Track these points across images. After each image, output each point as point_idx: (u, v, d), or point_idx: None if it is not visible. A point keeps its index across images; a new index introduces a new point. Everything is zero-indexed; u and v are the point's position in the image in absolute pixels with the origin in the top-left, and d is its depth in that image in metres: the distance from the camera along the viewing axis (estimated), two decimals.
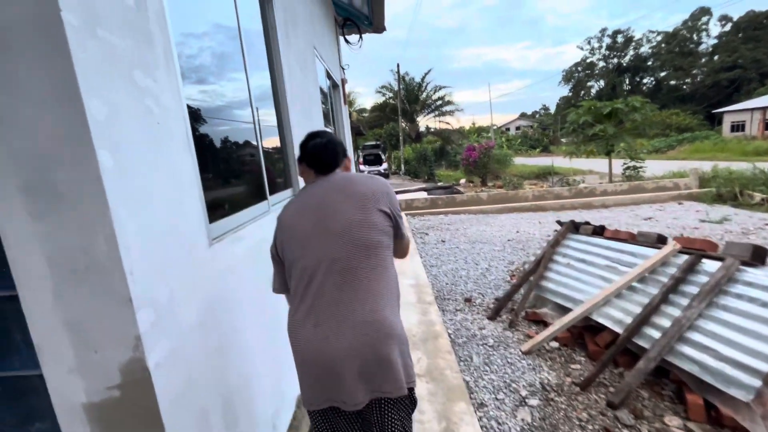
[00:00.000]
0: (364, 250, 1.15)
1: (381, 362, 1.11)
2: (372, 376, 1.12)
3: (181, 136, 1.20)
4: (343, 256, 1.14)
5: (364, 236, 1.15)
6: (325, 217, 1.17)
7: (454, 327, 3.30)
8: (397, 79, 25.57)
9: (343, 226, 1.15)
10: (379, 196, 1.21)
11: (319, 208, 1.19)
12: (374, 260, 1.16)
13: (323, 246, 1.15)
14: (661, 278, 2.58)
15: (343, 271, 1.13)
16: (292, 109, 2.68)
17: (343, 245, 1.14)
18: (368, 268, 1.15)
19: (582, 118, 11.07)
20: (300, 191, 1.32)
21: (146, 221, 0.98)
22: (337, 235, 1.15)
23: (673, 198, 8.77)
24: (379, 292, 1.15)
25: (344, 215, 1.16)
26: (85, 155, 0.83)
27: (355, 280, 1.13)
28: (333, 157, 1.29)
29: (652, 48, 48.68)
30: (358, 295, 1.12)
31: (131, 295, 0.90)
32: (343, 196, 1.19)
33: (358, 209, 1.17)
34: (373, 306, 1.13)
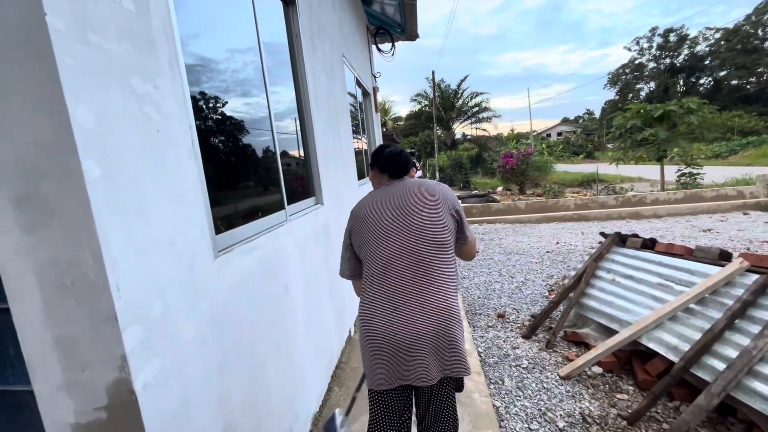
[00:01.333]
0: (437, 246, 1.33)
1: (452, 344, 1.29)
2: (444, 356, 1.29)
3: (186, 144, 1.16)
4: (420, 250, 1.31)
5: (439, 234, 1.33)
6: (405, 216, 1.34)
7: (485, 345, 3.09)
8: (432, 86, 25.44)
9: (421, 224, 1.33)
10: (449, 201, 1.41)
11: (399, 207, 1.36)
12: (444, 255, 1.34)
13: (403, 240, 1.32)
14: (724, 300, 2.26)
15: (420, 263, 1.30)
16: (316, 116, 2.64)
17: (421, 241, 1.32)
18: (440, 261, 1.33)
19: (630, 121, 10.36)
20: (375, 191, 1.48)
21: (139, 235, 0.93)
22: (415, 231, 1.32)
23: (737, 207, 7.93)
24: (448, 283, 1.33)
25: (421, 215, 1.34)
26: (70, 165, 0.79)
27: (431, 272, 1.30)
28: (405, 163, 1.51)
29: (710, 46, 45.15)
30: (433, 285, 1.30)
31: (116, 312, 0.84)
32: (419, 199, 1.37)
33: (434, 211, 1.35)
34: (445, 294, 1.30)
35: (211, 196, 1.29)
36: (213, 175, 1.36)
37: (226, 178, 1.58)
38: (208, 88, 1.46)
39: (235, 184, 1.66)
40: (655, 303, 2.60)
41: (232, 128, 1.66)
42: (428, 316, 1.26)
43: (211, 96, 1.49)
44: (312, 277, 2.24)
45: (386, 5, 5.93)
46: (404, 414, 1.40)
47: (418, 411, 1.41)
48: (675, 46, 47.10)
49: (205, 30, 1.53)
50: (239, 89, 1.73)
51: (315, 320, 2.23)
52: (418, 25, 6.48)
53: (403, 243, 1.31)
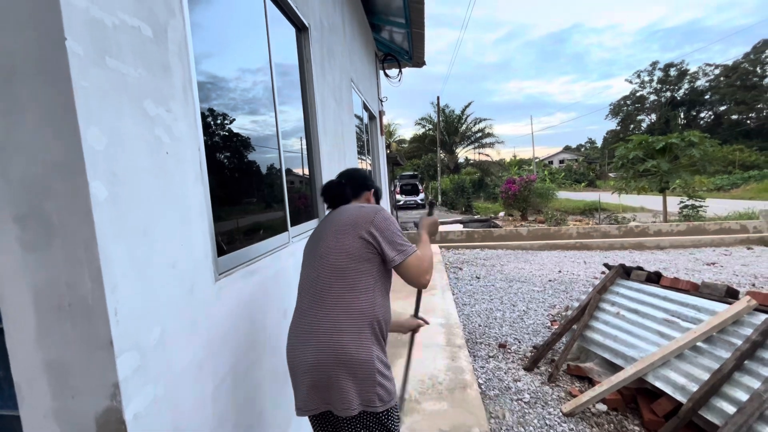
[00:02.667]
0: (337, 276, 1.25)
1: (329, 381, 1.18)
2: (323, 392, 1.20)
3: (194, 166, 1.17)
4: (320, 280, 1.27)
5: (339, 262, 1.25)
6: (316, 243, 1.34)
7: (486, 377, 3.01)
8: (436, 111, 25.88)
9: (324, 251, 1.29)
10: (361, 224, 1.28)
11: (315, 236, 1.39)
12: (345, 284, 1.24)
13: (310, 269, 1.32)
14: (732, 339, 2.20)
15: (317, 292, 1.26)
16: (322, 140, 2.67)
17: (322, 269, 1.27)
18: (339, 292, 1.23)
19: (632, 153, 10.46)
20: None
21: (141, 257, 0.92)
22: (319, 259, 1.29)
23: (741, 242, 7.89)
24: (345, 317, 1.21)
25: (327, 242, 1.30)
26: (77, 186, 0.78)
27: (325, 302, 1.24)
28: (331, 194, 1.47)
29: (710, 81, 46.08)
30: (325, 317, 1.22)
31: (113, 338, 0.82)
32: (330, 225, 1.34)
33: (338, 237, 1.28)
34: (334, 329, 1.20)
35: (216, 217, 1.29)
36: (218, 195, 1.35)
37: (231, 198, 1.58)
38: (217, 105, 1.48)
39: (240, 204, 1.66)
40: (660, 339, 2.54)
41: (239, 148, 1.67)
42: (312, 348, 1.20)
43: (219, 113, 1.51)
44: None
45: (395, 33, 6.11)
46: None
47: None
48: (675, 80, 48.11)
49: (219, 50, 1.56)
50: (248, 108, 1.76)
51: None
52: (425, 53, 6.66)
53: (309, 271, 1.32)
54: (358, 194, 1.51)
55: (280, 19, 2.21)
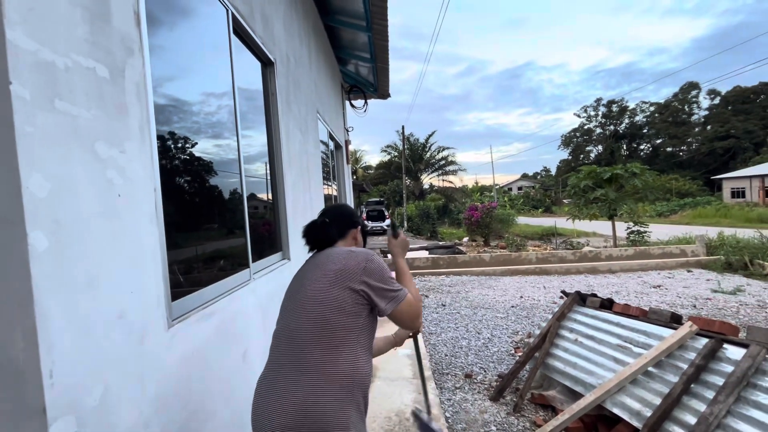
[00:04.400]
0: (318, 328, 1.11)
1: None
2: None
3: (149, 206, 1.11)
4: (298, 331, 1.12)
5: (320, 313, 1.12)
6: (297, 290, 1.20)
7: (453, 409, 2.98)
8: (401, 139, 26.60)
9: (306, 300, 1.15)
10: (352, 273, 1.16)
11: (298, 280, 1.24)
12: (327, 340, 1.10)
13: (288, 317, 1.18)
14: (679, 363, 2.34)
15: (295, 346, 1.11)
16: (287, 170, 2.65)
17: (302, 320, 1.13)
18: (320, 349, 1.09)
19: (582, 182, 11.20)
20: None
21: (83, 310, 0.85)
22: (299, 308, 1.15)
23: (681, 265, 8.53)
24: (324, 379, 1.07)
25: (309, 290, 1.16)
26: (14, 237, 0.72)
27: (303, 359, 1.09)
28: (315, 236, 1.33)
29: (647, 117, 50.94)
30: (301, 376, 1.07)
31: (45, 404, 0.74)
32: (319, 271, 1.19)
33: (323, 286, 1.15)
34: (311, 392, 1.05)
35: (170, 256, 1.22)
36: (174, 231, 1.29)
37: (189, 234, 1.52)
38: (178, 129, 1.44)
39: (198, 240, 1.59)
40: (615, 365, 2.65)
41: (199, 175, 1.62)
42: (284, 409, 1.04)
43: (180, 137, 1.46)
44: None
45: (360, 66, 6.31)
46: None
47: None
48: (617, 116, 52.70)
49: (181, 73, 1.53)
50: (210, 132, 1.72)
51: None
52: (389, 85, 6.90)
53: (288, 320, 1.17)
54: (345, 233, 1.37)
55: (245, 52, 2.23)
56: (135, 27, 1.11)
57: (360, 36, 4.98)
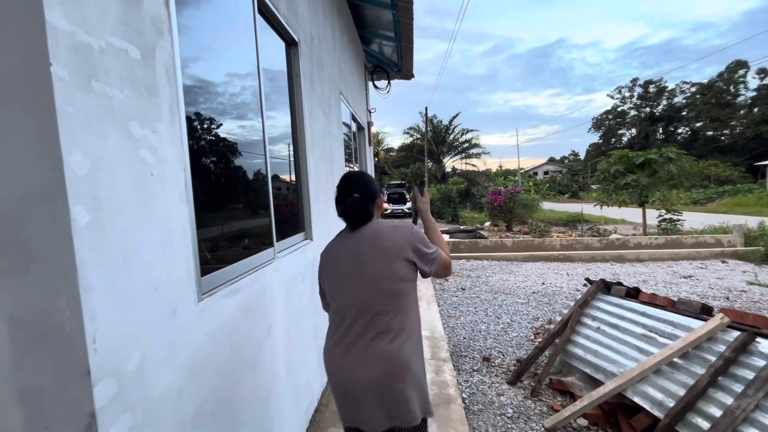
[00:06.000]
0: (388, 298, 1.31)
1: (397, 395, 1.28)
2: (389, 407, 1.28)
3: (178, 186, 1.16)
4: (371, 301, 1.31)
5: (388, 286, 1.31)
6: (357, 267, 1.33)
7: (470, 391, 3.02)
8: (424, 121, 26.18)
9: (371, 276, 1.31)
10: (402, 247, 1.34)
11: (352, 259, 1.35)
12: (396, 306, 1.32)
13: (354, 292, 1.32)
14: (707, 356, 2.27)
15: (370, 313, 1.30)
16: (310, 152, 2.67)
17: (372, 292, 1.31)
18: (391, 312, 1.31)
19: (613, 167, 10.76)
20: (336, 237, 1.47)
21: (122, 282, 0.91)
22: (366, 284, 1.31)
23: (716, 255, 8.15)
24: (399, 333, 1.31)
25: (372, 267, 1.31)
26: (58, 212, 0.77)
27: (380, 323, 1.30)
28: (359, 216, 1.41)
29: (687, 99, 47.92)
30: (382, 336, 1.29)
31: (90, 366, 0.80)
32: (372, 249, 1.34)
33: (385, 262, 1.32)
34: (393, 345, 1.29)
35: (199, 235, 1.27)
36: (202, 211, 1.34)
37: (216, 214, 1.57)
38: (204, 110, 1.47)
39: (225, 220, 1.64)
40: (639, 354, 2.60)
41: (224, 159, 1.66)
42: (373, 366, 1.27)
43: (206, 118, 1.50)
44: (296, 316, 2.19)
45: (384, 46, 6.19)
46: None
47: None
48: (654, 97, 49.84)
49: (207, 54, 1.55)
50: (235, 113, 1.75)
51: (297, 362, 2.16)
52: (413, 65, 6.75)
53: (355, 293, 1.32)
54: (375, 205, 1.46)
55: (270, 32, 2.23)
56: (164, 7, 1.12)
57: (384, 14, 4.87)
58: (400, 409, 1.28)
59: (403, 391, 1.28)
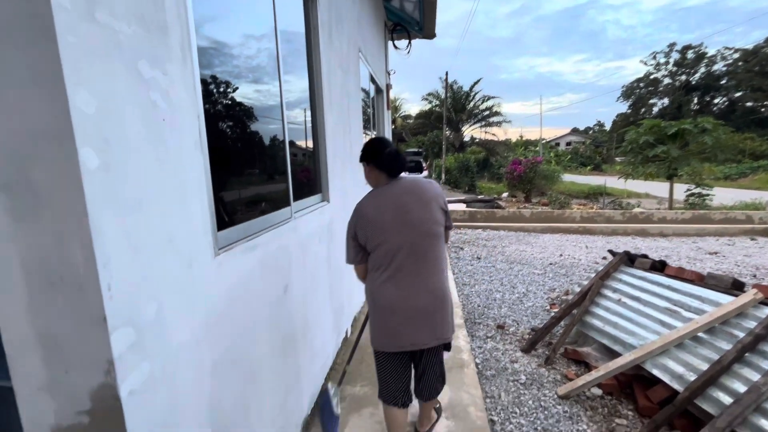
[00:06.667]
0: (431, 238, 1.57)
1: (443, 317, 1.62)
2: (436, 327, 1.60)
3: (192, 134, 1.10)
4: (418, 242, 1.55)
5: (431, 229, 1.57)
6: (404, 214, 1.55)
7: (483, 356, 3.03)
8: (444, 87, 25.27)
9: (418, 221, 1.55)
10: (439, 199, 1.63)
11: (398, 207, 1.56)
12: (436, 245, 1.60)
13: (404, 235, 1.54)
14: (734, 331, 2.19)
15: (418, 252, 1.55)
16: (328, 111, 2.57)
17: (419, 235, 1.55)
18: (434, 249, 1.59)
19: (642, 137, 10.24)
20: (376, 192, 1.63)
21: (136, 231, 0.87)
22: (414, 227, 1.55)
23: (745, 232, 7.82)
24: (440, 268, 1.62)
25: (417, 213, 1.56)
26: (65, 153, 0.73)
27: (426, 259, 1.57)
28: (403, 164, 1.65)
29: (727, 66, 44.59)
30: (429, 269, 1.57)
31: (106, 314, 0.79)
32: (416, 198, 1.58)
33: (426, 209, 1.57)
34: (437, 277, 1.60)
35: (215, 189, 1.23)
36: (218, 166, 1.29)
37: (232, 170, 1.52)
38: (219, 72, 1.40)
39: (240, 175, 1.60)
40: (661, 328, 2.54)
41: (240, 117, 1.59)
42: (426, 294, 1.56)
43: (222, 82, 1.43)
44: (313, 277, 2.18)
45: (405, 2, 5.84)
46: (407, 371, 1.74)
47: (417, 369, 1.76)
48: (692, 64, 46.59)
49: (221, 13, 1.46)
50: (251, 77, 1.67)
51: (313, 322, 2.17)
52: (436, 24, 6.39)
53: (404, 237, 1.54)
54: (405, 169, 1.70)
55: None
56: None
57: None
58: (444, 328, 1.62)
59: (445, 314, 1.62)
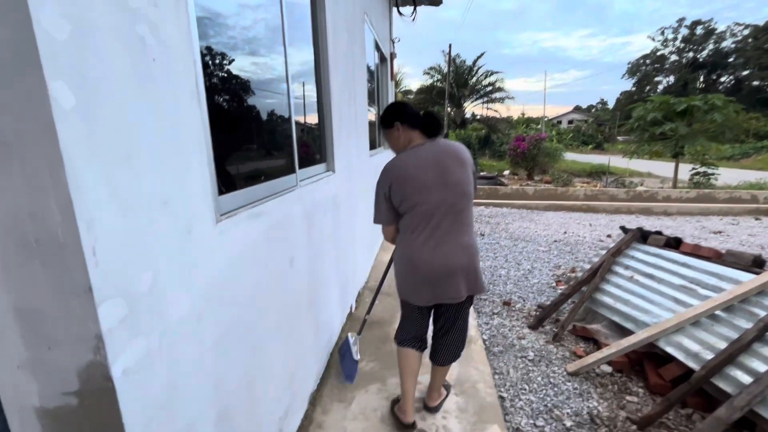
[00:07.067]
0: (466, 198, 1.62)
1: (476, 272, 1.70)
2: (470, 281, 1.69)
3: (188, 81, 0.96)
4: (456, 202, 1.60)
5: (467, 189, 1.62)
6: (444, 174, 1.58)
7: (490, 333, 2.98)
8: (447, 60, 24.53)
9: (457, 181, 1.59)
10: (470, 161, 1.68)
11: (439, 167, 1.58)
12: (469, 204, 1.65)
13: (443, 195, 1.58)
14: (755, 310, 2.12)
15: (455, 211, 1.60)
16: (333, 75, 2.40)
17: (457, 195, 1.59)
18: (468, 209, 1.65)
19: (651, 114, 9.98)
20: (413, 152, 1.63)
21: (124, 188, 0.75)
22: (453, 187, 1.58)
23: (750, 212, 7.74)
24: (471, 226, 1.69)
25: (456, 174, 1.60)
26: (31, 86, 0.59)
27: (461, 218, 1.62)
28: (441, 124, 1.70)
29: (737, 43, 43.45)
30: (464, 228, 1.64)
31: (91, 283, 0.67)
32: (454, 160, 1.61)
33: (463, 170, 1.62)
34: (470, 235, 1.67)
35: (215, 150, 1.10)
36: (217, 126, 1.15)
37: (233, 131, 1.38)
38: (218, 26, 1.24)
39: (242, 139, 1.46)
40: (675, 305, 2.47)
41: (242, 77, 1.44)
42: (461, 252, 1.62)
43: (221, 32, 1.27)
44: (319, 250, 2.08)
45: None
46: (426, 322, 1.85)
47: (445, 322, 1.82)
48: (700, 40, 45.40)
49: None
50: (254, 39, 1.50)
51: (319, 296, 2.08)
52: None
53: (443, 197, 1.57)
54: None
55: None
56: None
57: None
58: (478, 282, 1.71)
59: (477, 270, 1.70)
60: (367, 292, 3.51)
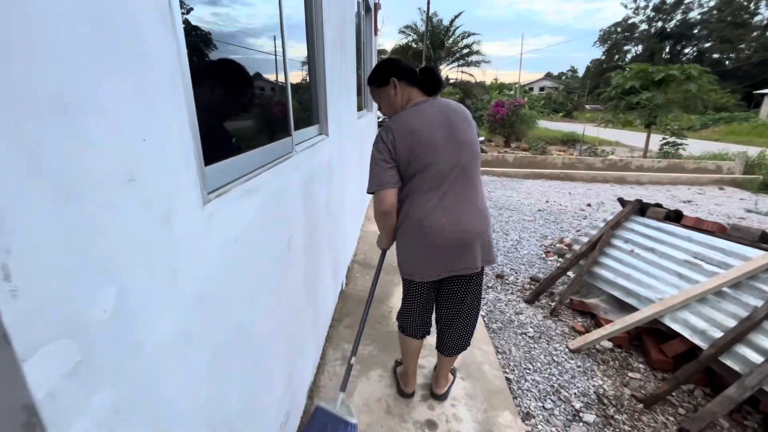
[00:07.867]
0: (476, 158, 1.49)
1: (490, 241, 1.55)
2: (484, 250, 1.53)
3: (160, 7, 0.62)
4: (466, 162, 1.45)
5: (476, 149, 1.49)
6: (454, 133, 1.43)
7: (487, 308, 2.87)
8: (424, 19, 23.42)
9: (466, 140, 1.45)
10: (474, 123, 1.53)
11: (447, 126, 1.43)
12: (478, 165, 1.51)
13: (453, 154, 1.42)
14: (764, 287, 2.08)
15: (466, 173, 1.45)
16: (327, 25, 2.01)
17: (467, 155, 1.44)
18: (478, 170, 1.51)
19: (629, 82, 9.99)
20: (417, 109, 1.44)
21: (59, 158, 0.44)
22: (463, 146, 1.44)
23: (714, 182, 8.06)
24: (481, 188, 1.55)
25: (466, 133, 1.45)
26: None
27: (473, 180, 1.48)
28: (441, 80, 1.53)
29: (702, 14, 44.34)
30: (475, 190, 1.50)
31: (5, 328, 0.38)
32: (461, 119, 1.47)
33: (472, 130, 1.49)
34: (482, 199, 1.53)
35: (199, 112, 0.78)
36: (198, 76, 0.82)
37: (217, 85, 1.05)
38: None
39: (231, 94, 1.12)
40: (679, 281, 2.42)
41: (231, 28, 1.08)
42: (477, 216, 1.47)
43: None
44: (314, 225, 1.80)
45: None
46: (431, 305, 1.70)
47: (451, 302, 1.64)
48: (670, 9, 45.91)
49: None
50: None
51: (315, 279, 1.83)
52: None
53: (456, 157, 1.42)
54: None
55: None
56: None
57: None
58: (491, 252, 1.56)
59: (490, 238, 1.55)
60: (356, 266, 3.29)
